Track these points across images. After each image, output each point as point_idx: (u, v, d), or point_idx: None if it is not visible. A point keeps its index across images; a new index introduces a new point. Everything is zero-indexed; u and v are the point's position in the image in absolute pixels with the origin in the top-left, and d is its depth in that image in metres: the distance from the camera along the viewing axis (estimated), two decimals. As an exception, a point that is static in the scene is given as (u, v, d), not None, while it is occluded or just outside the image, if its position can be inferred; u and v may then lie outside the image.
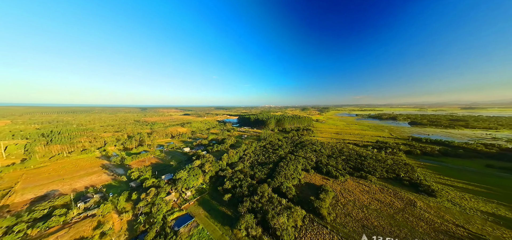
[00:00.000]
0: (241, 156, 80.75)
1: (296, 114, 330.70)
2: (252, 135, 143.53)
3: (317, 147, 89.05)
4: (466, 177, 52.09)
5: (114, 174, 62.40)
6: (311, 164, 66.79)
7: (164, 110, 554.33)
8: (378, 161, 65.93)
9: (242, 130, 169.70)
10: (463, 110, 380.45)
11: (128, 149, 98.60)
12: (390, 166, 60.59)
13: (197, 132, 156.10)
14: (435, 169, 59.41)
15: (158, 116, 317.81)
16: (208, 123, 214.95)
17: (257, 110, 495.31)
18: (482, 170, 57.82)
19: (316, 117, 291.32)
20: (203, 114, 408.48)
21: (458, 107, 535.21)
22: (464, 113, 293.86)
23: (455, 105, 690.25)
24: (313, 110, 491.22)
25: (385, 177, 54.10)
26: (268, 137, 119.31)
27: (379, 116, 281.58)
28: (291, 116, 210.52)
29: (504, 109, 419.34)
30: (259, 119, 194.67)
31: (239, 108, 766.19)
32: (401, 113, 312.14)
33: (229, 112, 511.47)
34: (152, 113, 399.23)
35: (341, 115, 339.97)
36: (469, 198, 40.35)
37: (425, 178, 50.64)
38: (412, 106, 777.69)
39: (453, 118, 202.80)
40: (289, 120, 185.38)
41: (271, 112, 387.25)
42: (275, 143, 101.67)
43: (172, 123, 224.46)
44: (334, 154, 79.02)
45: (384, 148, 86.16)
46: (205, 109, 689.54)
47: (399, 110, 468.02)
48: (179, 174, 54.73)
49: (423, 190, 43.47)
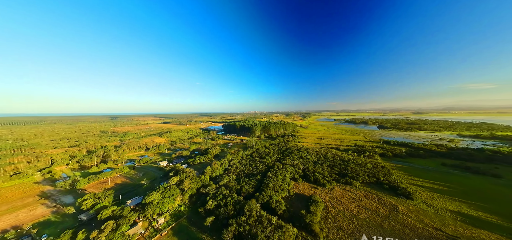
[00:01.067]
0: (226, 167, 74.47)
1: (281, 120, 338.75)
2: (238, 142, 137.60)
3: (303, 153, 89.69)
4: (429, 176, 58.67)
5: (58, 204, 47.91)
6: (299, 172, 65.67)
7: (140, 118, 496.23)
8: (359, 165, 69.47)
9: (228, 138, 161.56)
10: (414, 115, 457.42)
11: (86, 167, 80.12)
12: (370, 170, 64.28)
13: (178, 141, 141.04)
14: (405, 170, 65.67)
15: (132, 126, 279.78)
16: (191, 131, 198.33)
17: (242, 117, 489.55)
18: (439, 168, 66.65)
19: (300, 122, 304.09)
20: (186, 122, 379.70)
21: (410, 113, 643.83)
22: (415, 117, 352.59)
23: (408, 111, 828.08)
24: (296, 116, 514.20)
25: (367, 181, 56.50)
26: (255, 144, 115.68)
27: (353, 120, 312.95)
28: (276, 123, 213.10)
29: (440, 114, 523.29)
30: (245, 126, 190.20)
31: (224, 115, 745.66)
32: (370, 118, 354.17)
33: (213, 119, 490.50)
34: (125, 122, 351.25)
35: (321, 121, 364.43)
36: (437, 197, 44.58)
37: (401, 180, 54.75)
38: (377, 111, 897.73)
39: (409, 122, 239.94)
40: (275, 126, 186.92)
41: (257, 118, 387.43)
42: (262, 150, 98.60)
43: (148, 132, 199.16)
44: (320, 160, 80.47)
45: (362, 151, 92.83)
46: (188, 116, 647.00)
47: (368, 115, 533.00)
48: (151, 196, 45.40)
49: (402, 193, 46.30)
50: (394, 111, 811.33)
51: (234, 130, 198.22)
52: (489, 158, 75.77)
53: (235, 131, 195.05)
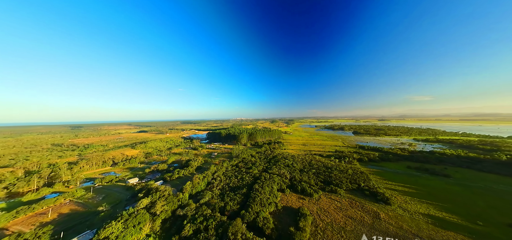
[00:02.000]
0: (209, 181, 67.39)
1: (266, 126, 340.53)
2: (223, 152, 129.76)
3: (289, 161, 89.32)
4: (400, 179, 64.77)
5: None
6: (286, 182, 63.89)
7: (111, 127, 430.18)
8: (341, 172, 72.35)
9: (212, 147, 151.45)
10: (379, 122, 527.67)
11: (18, 194, 60.59)
12: (352, 176, 67.37)
13: (154, 153, 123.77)
14: (380, 174, 71.33)
15: (98, 136, 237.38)
16: (171, 141, 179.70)
17: (228, 124, 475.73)
18: (406, 171, 74.81)
19: (284, 129, 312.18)
20: (166, 130, 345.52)
21: (376, 119, 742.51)
22: (381, 124, 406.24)
23: (374, 118, 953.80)
24: (281, 123, 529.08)
25: (350, 188, 58.43)
26: (241, 153, 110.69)
27: (332, 127, 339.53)
28: (262, 130, 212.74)
29: (398, 121, 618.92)
30: (231, 134, 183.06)
31: (209, 122, 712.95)
32: (346, 124, 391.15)
33: (198, 126, 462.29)
34: (90, 132, 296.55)
35: (304, 127, 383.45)
36: (409, 201, 48.56)
37: (378, 185, 58.47)
38: (350, 118, 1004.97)
39: (377, 128, 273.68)
40: (261, 133, 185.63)
41: (243, 125, 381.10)
42: (248, 160, 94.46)
43: (118, 143, 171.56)
44: (305, 168, 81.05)
45: (342, 157, 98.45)
46: (169, 124, 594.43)
47: (344, 121, 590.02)
48: (108, 229, 35.67)
49: (381, 198, 48.84)
50: (364, 118, 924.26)
51: (219, 138, 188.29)
52: (439, 160, 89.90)
53: (220, 139, 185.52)
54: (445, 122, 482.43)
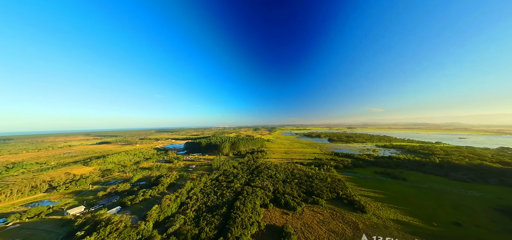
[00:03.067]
0: (183, 201, 57.97)
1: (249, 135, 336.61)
2: (202, 163, 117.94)
3: (272, 172, 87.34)
4: (370, 185, 70.93)
5: None
6: (269, 196, 60.80)
7: (59, 138, 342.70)
8: (321, 180, 74.52)
9: (190, 158, 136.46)
10: (349, 130, 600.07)
11: None
12: (331, 185, 69.92)
13: (115, 170, 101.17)
14: (354, 181, 76.87)
15: (35, 151, 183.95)
16: (140, 153, 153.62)
17: (210, 132, 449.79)
18: (374, 176, 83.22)
19: (267, 137, 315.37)
20: (136, 140, 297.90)
21: (346, 127, 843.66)
22: (350, 131, 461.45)
23: (344, 126, 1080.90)
24: (263, 130, 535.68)
25: (330, 197, 59.83)
26: (222, 164, 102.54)
27: (310, 134, 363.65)
28: (245, 138, 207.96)
29: (362, 129, 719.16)
30: (212, 143, 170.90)
31: (189, 130, 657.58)
32: (321, 132, 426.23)
33: (176, 135, 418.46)
34: (23, 145, 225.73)
35: (285, 135, 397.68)
36: (380, 207, 52.59)
37: (354, 193, 62.01)
38: (325, 126, 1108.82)
39: (347, 135, 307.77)
40: (244, 142, 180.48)
41: (225, 133, 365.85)
42: (230, 172, 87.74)
43: (65, 159, 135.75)
44: (288, 178, 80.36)
45: (321, 164, 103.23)
46: (141, 133, 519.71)
47: (319, 129, 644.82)
48: None
49: (358, 207, 51.18)
50: (336, 126, 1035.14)
51: (198, 148, 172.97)
52: (396, 164, 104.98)
53: (200, 149, 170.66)
54: (394, 129, 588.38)
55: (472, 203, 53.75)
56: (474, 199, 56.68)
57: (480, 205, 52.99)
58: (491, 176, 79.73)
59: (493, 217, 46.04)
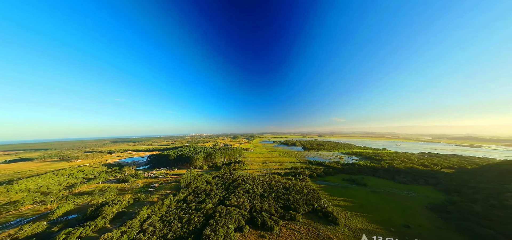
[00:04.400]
0: (133, 237, 44.73)
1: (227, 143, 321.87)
2: (169, 180, 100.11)
3: (249, 185, 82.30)
4: (340, 193, 76.22)
5: None
6: (245, 216, 55.24)
7: None
8: (298, 192, 74.86)
9: (154, 175, 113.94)
10: (319, 138, 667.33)
11: None
12: (307, 196, 70.90)
13: (26, 201, 68.23)
14: (326, 190, 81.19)
15: None
16: (81, 173, 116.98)
17: (183, 141, 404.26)
18: (342, 184, 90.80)
19: (246, 146, 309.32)
20: (78, 154, 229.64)
21: (317, 135, 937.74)
22: (320, 139, 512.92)
23: (315, 134, 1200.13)
24: (242, 139, 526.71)
25: (306, 210, 59.75)
26: (193, 180, 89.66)
27: (286, 142, 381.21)
28: (222, 148, 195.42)
29: (330, 136, 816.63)
30: (183, 155, 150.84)
31: (157, 139, 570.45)
32: (297, 140, 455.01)
33: (139, 146, 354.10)
34: None
35: (263, 143, 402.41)
36: (350, 216, 55.87)
37: (328, 203, 64.38)
38: (299, 134, 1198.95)
39: (318, 143, 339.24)
40: (221, 152, 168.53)
41: (201, 142, 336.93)
42: (202, 189, 77.09)
43: None
44: (266, 191, 77.19)
45: (297, 174, 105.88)
46: (90, 144, 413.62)
47: (295, 137, 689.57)
48: None
49: (331, 219, 52.48)
50: (309, 134, 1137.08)
51: (166, 161, 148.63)
52: (358, 170, 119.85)
53: (168, 163, 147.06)
54: (354, 137, 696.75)
55: (413, 204, 64.75)
56: (413, 200, 68.78)
57: (418, 204, 64.39)
58: (419, 177, 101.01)
59: (428, 215, 56.16)
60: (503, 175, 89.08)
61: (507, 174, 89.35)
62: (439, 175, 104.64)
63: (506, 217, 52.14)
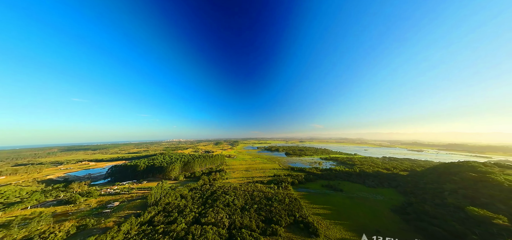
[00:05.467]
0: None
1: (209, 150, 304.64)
2: (134, 196, 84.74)
3: (230, 198, 76.76)
4: (320, 201, 78.39)
5: None
6: (223, 235, 49.90)
7: None
8: (280, 202, 73.46)
9: (115, 191, 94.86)
10: (300, 143, 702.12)
11: None
12: (289, 206, 70.05)
13: None
14: (307, 198, 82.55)
15: None
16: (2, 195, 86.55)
17: (158, 148, 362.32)
18: (322, 190, 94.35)
19: (229, 152, 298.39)
20: (5, 168, 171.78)
21: (298, 141, 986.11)
22: (302, 145, 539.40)
23: (296, 139, 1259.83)
24: (225, 144, 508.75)
25: (288, 222, 58.35)
26: (165, 195, 78.21)
27: (270, 148, 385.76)
28: (203, 156, 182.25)
29: (310, 142, 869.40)
30: (155, 165, 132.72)
31: (126, 146, 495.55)
32: (280, 145, 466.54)
33: (100, 155, 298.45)
34: None
35: (247, 149, 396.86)
36: (329, 225, 57.02)
37: (308, 213, 64.68)
38: (282, 139, 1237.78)
39: (300, 149, 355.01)
40: (200, 160, 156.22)
41: (179, 149, 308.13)
42: (174, 206, 67.58)
43: None
44: (247, 204, 73.07)
45: (280, 182, 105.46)
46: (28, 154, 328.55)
47: (278, 142, 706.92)
48: None
49: (312, 231, 52.26)
50: (291, 139, 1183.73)
51: (133, 173, 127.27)
52: (335, 175, 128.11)
53: (136, 175, 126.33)
54: (330, 143, 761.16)
55: (381, 207, 71.38)
56: (381, 203, 76.14)
57: (385, 207, 71.34)
58: (384, 180, 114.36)
59: (393, 218, 62.36)
60: (441, 176, 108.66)
61: (443, 175, 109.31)
62: (398, 177, 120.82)
63: (447, 214, 62.13)
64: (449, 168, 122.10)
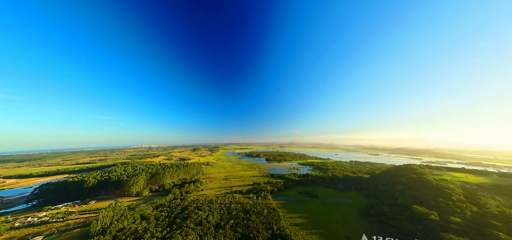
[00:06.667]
0: None
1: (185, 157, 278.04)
2: (71, 225, 64.97)
3: (204, 214, 68.84)
4: (297, 209, 79.26)
5: None
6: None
7: None
8: (258, 215, 70.31)
9: (42, 218, 70.56)
10: (280, 148, 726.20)
11: None
12: (267, 218, 67.59)
13: None
14: (286, 207, 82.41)
15: None
16: None
17: (121, 155, 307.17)
18: (299, 197, 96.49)
19: (207, 159, 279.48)
20: None
21: (278, 146, 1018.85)
22: (281, 150, 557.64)
23: (277, 145, 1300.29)
24: (204, 150, 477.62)
25: (266, 237, 55.63)
26: (118, 219, 63.39)
27: (251, 154, 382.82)
28: (175, 164, 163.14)
29: (289, 147, 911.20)
30: (111, 179, 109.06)
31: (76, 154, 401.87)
32: (261, 151, 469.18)
33: (27, 168, 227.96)
34: None
35: (228, 155, 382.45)
36: (306, 235, 57.25)
37: (286, 224, 63.73)
38: (263, 144, 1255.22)
39: (280, 154, 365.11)
40: (172, 170, 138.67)
41: (148, 157, 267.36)
42: (130, 232, 55.28)
43: None
44: (223, 219, 66.88)
45: (259, 191, 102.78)
46: None
47: (259, 147, 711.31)
48: None
49: (289, 245, 50.91)
50: (272, 144, 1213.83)
51: (76, 192, 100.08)
52: (311, 181, 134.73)
53: (80, 194, 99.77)
54: (307, 148, 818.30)
55: (350, 211, 77.50)
56: (350, 207, 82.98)
57: (353, 211, 77.82)
58: (352, 184, 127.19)
59: (360, 222, 68.18)
60: (393, 178, 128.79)
61: (394, 177, 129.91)
62: (363, 181, 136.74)
63: (399, 213, 72.25)
64: (398, 170, 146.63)
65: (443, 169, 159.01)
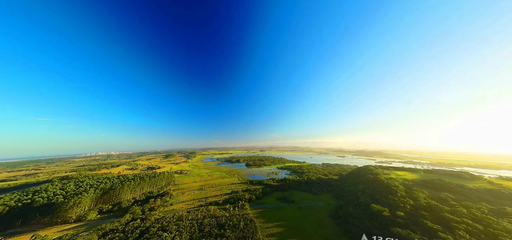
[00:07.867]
0: None
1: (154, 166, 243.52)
2: None
3: (169, 235, 59.16)
4: (275, 217, 78.55)
5: None
6: None
7: None
8: (234, 229, 65.74)
9: None
10: (261, 152, 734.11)
11: None
12: (243, 232, 63.79)
13: None
14: (263, 216, 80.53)
15: None
16: None
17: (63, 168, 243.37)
18: (277, 204, 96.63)
19: (181, 167, 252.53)
20: None
21: (259, 150, 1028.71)
22: (261, 154, 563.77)
23: (257, 149, 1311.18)
24: (178, 157, 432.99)
25: (241, 254, 51.72)
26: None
27: (231, 159, 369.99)
28: (139, 176, 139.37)
29: (269, 151, 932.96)
30: (35, 203, 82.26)
31: None
32: (241, 156, 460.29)
33: None
34: None
35: (205, 161, 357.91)
36: (281, 246, 56.22)
37: (263, 235, 61.44)
38: (244, 149, 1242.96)
39: (259, 159, 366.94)
40: (134, 183, 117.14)
41: (104, 167, 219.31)
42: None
43: None
44: (193, 238, 59.21)
45: (237, 200, 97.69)
46: None
47: (239, 152, 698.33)
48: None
49: (265, 260, 48.55)
50: (252, 148, 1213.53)
51: None
52: (289, 186, 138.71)
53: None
54: (286, 152, 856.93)
55: (322, 214, 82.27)
56: (322, 210, 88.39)
57: (324, 214, 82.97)
58: (324, 186, 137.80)
59: (330, 224, 72.85)
60: (356, 179, 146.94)
61: (357, 178, 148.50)
62: (333, 182, 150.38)
63: (361, 212, 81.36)
64: (360, 171, 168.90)
65: (390, 168, 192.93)
